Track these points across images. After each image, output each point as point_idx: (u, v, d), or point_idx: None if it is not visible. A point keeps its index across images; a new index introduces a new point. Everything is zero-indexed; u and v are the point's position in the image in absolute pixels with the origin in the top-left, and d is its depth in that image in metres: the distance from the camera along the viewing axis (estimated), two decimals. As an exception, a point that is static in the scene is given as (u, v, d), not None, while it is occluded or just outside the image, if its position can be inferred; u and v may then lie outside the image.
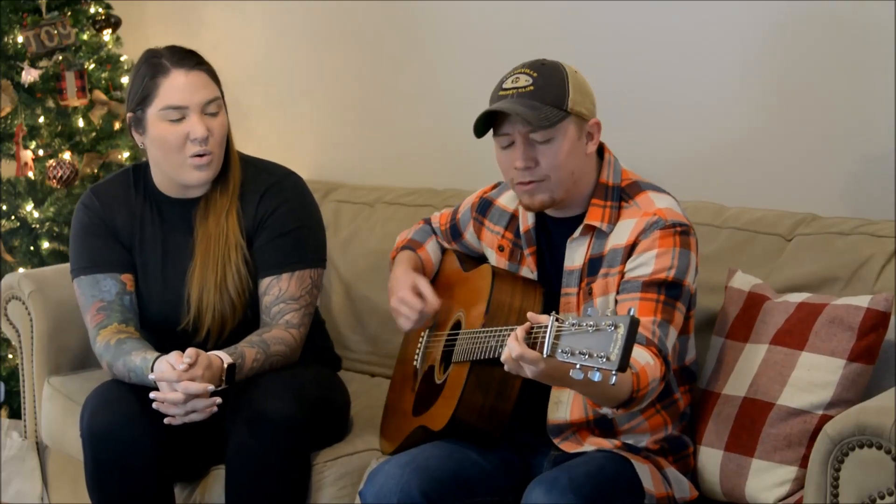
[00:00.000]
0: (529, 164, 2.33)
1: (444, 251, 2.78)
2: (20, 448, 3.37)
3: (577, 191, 2.40)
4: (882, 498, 2.05)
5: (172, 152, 2.63)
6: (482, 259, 2.64)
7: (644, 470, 2.33)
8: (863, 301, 2.35)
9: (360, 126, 3.83)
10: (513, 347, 2.04)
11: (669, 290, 2.30)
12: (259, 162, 2.80)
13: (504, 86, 2.34)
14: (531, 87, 2.32)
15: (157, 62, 2.64)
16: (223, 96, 2.71)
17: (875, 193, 2.83)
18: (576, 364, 1.91)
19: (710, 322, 2.60)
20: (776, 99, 3.00)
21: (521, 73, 2.35)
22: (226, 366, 2.52)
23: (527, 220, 2.50)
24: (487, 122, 2.35)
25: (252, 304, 2.72)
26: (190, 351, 2.46)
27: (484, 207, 2.63)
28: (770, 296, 2.53)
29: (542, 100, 2.31)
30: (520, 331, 2.06)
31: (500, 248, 2.56)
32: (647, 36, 3.18)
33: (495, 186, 2.65)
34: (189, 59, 2.65)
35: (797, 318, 2.42)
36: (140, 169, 2.81)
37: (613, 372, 1.89)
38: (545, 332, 1.97)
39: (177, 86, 2.61)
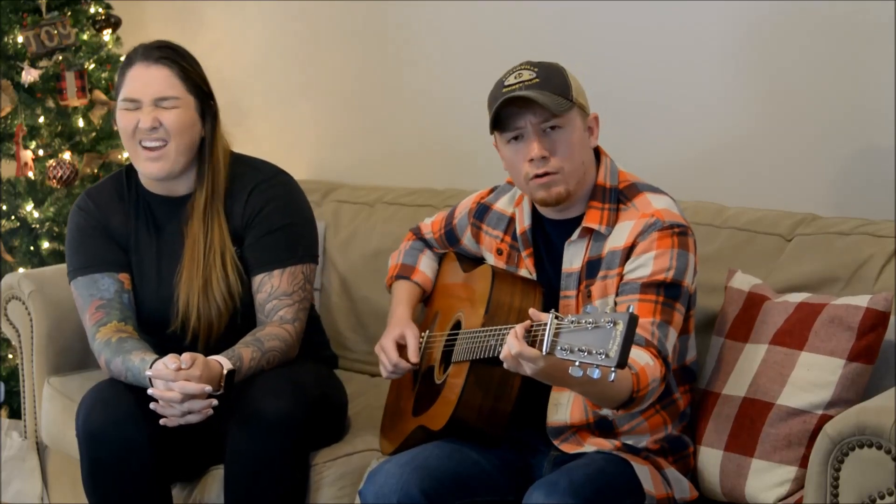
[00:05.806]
0: (545, 153, 2.33)
1: (441, 259, 2.78)
2: (20, 448, 3.37)
3: (581, 187, 2.39)
4: (882, 498, 2.05)
5: (126, 139, 2.68)
6: (481, 261, 2.64)
7: (644, 471, 2.33)
8: (862, 301, 2.35)
9: (359, 126, 3.83)
10: (512, 344, 2.05)
11: (668, 291, 2.30)
12: (249, 160, 2.79)
13: (507, 82, 2.34)
14: (537, 80, 2.32)
15: (132, 54, 2.69)
16: (208, 95, 2.70)
17: (875, 193, 2.83)
18: (575, 361, 1.91)
19: (709, 322, 2.60)
20: (776, 98, 3.00)
21: (521, 69, 2.35)
22: (225, 372, 2.51)
23: (523, 222, 2.50)
24: (495, 119, 2.35)
25: (243, 313, 2.71)
26: (186, 356, 2.45)
27: (481, 212, 2.62)
28: (770, 296, 2.53)
29: (550, 90, 2.31)
30: (519, 328, 2.06)
31: (499, 252, 2.55)
32: (644, 36, 3.17)
33: (491, 191, 2.65)
34: (156, 52, 2.66)
35: (797, 318, 2.42)
36: (132, 170, 2.81)
37: (612, 368, 1.89)
38: (544, 329, 1.97)
39: (135, 78, 2.65)
